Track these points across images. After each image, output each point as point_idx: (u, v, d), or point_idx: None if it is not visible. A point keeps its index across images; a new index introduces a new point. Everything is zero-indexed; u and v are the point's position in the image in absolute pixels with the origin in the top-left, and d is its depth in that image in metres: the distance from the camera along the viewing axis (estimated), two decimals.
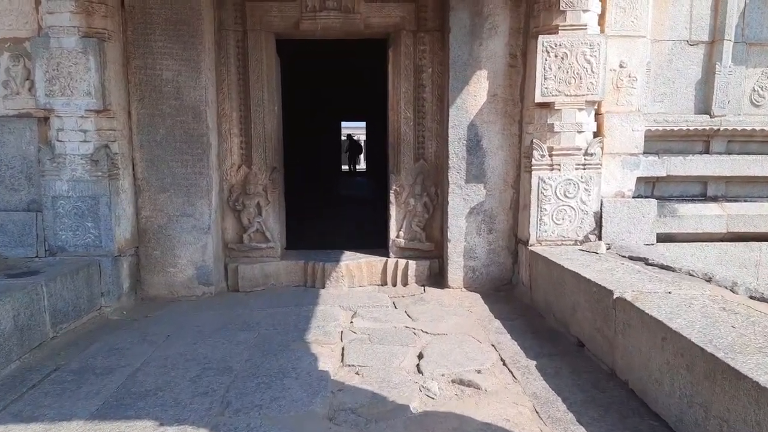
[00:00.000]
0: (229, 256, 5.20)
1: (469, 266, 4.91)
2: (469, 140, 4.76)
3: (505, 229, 4.87)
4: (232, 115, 5.05)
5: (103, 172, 4.26)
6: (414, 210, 5.19)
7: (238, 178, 5.13)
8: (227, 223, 5.17)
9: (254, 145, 5.06)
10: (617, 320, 2.90)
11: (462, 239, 4.88)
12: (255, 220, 5.13)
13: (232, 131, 5.08)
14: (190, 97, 4.60)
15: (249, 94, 5.00)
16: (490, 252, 4.90)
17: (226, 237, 5.19)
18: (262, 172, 5.11)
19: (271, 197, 5.16)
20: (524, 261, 4.63)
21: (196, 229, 4.74)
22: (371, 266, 5.26)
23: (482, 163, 4.78)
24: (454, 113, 4.73)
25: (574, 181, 4.43)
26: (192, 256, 4.77)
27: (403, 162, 5.17)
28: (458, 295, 4.77)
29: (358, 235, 6.96)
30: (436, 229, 5.26)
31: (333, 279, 5.10)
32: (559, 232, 4.48)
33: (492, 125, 4.75)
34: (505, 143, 4.77)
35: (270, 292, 4.95)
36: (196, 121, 4.63)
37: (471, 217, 4.85)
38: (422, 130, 5.15)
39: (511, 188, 4.82)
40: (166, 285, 4.79)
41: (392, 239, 5.27)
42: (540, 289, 4.23)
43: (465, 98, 4.71)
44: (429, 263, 5.19)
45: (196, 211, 4.72)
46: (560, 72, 4.29)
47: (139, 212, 4.71)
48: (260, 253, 5.20)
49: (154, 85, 4.57)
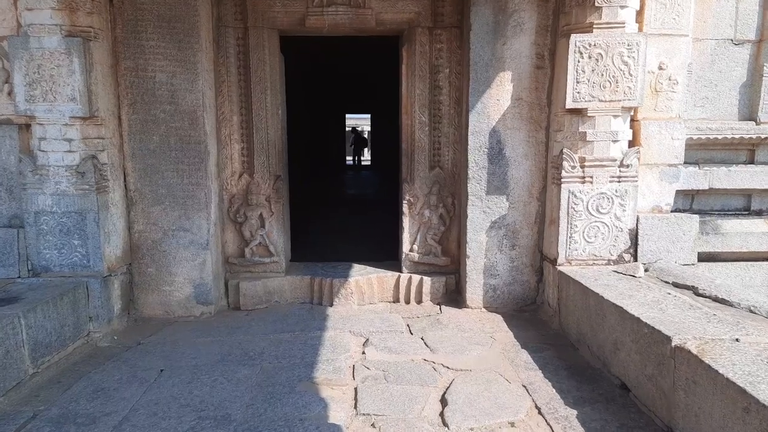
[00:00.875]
0: (230, 271, 4.82)
1: (489, 285, 4.52)
2: (491, 148, 4.35)
3: (529, 244, 4.48)
4: (233, 119, 4.65)
5: (90, 185, 3.86)
6: (429, 222, 4.80)
7: (239, 187, 4.74)
8: (227, 235, 4.79)
9: (256, 151, 4.66)
10: (678, 373, 2.51)
11: (482, 255, 4.48)
12: (257, 233, 4.74)
13: (233, 137, 4.68)
14: (186, 100, 4.19)
15: (251, 97, 4.59)
16: (512, 269, 4.51)
17: (227, 251, 4.80)
18: (265, 181, 4.72)
19: (275, 208, 4.76)
20: (551, 281, 4.23)
21: (193, 244, 4.35)
22: (382, 282, 4.88)
23: (505, 173, 4.38)
24: (475, 118, 4.32)
25: (607, 195, 4.02)
26: (189, 274, 4.39)
27: (417, 170, 4.76)
28: (478, 317, 4.38)
29: (367, 242, 6.58)
30: (453, 242, 4.87)
31: (341, 296, 4.72)
32: (591, 250, 4.09)
33: (516, 132, 4.34)
34: (530, 152, 4.36)
35: (274, 312, 4.57)
36: (193, 127, 4.23)
37: (492, 231, 4.45)
38: (438, 135, 4.74)
39: (537, 200, 4.42)
40: (162, 304, 4.41)
41: (405, 253, 4.88)
42: (571, 315, 3.84)
43: (486, 102, 4.30)
44: (445, 279, 4.80)
45: (193, 224, 4.33)
46: (594, 75, 3.87)
47: (131, 226, 4.32)
48: (263, 268, 4.82)
49: (146, 88, 4.17)
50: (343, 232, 7.34)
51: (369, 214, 9.15)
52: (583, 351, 3.60)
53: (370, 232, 7.32)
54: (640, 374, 2.87)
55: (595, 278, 3.73)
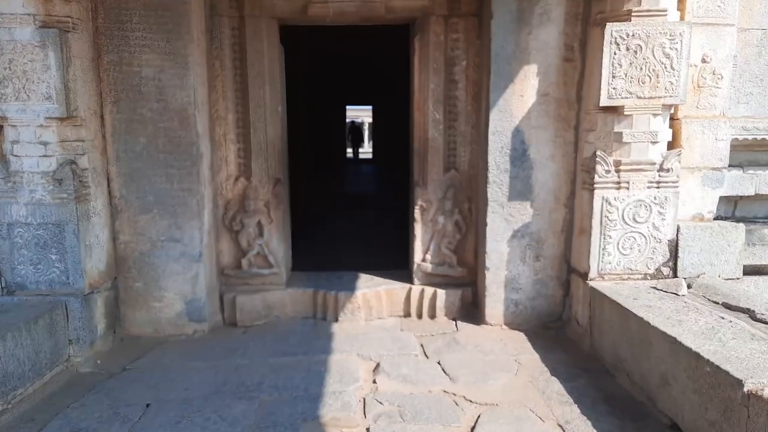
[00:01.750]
0: (226, 283, 4.42)
1: (511, 299, 4.12)
2: (514, 149, 3.94)
3: (555, 255, 4.07)
4: (228, 117, 4.23)
5: (68, 193, 3.45)
6: (443, 230, 4.39)
7: (235, 192, 4.33)
8: (223, 245, 4.38)
9: (254, 153, 4.25)
10: (752, 424, 2.11)
11: (503, 267, 4.08)
12: (255, 242, 4.34)
13: (228, 137, 4.26)
14: (176, 98, 3.78)
15: (247, 93, 4.17)
16: (536, 283, 4.11)
17: (222, 261, 4.40)
18: (264, 186, 4.31)
19: (274, 215, 4.36)
20: (580, 297, 3.83)
21: (184, 256, 3.95)
22: (392, 295, 4.48)
23: (529, 176, 3.97)
24: (496, 116, 3.91)
25: (645, 202, 3.61)
26: (180, 288, 3.99)
27: (430, 172, 4.35)
28: (499, 335, 3.99)
29: (373, 247, 6.18)
30: (469, 251, 4.46)
31: (347, 311, 4.33)
32: (626, 263, 3.69)
33: (541, 131, 3.92)
34: (557, 153, 3.95)
35: (273, 329, 4.18)
36: (184, 127, 3.82)
37: (514, 241, 4.05)
38: (454, 134, 4.33)
39: (564, 207, 4.01)
40: (151, 322, 4.02)
41: (417, 263, 4.47)
42: (606, 337, 3.44)
43: (509, 98, 3.88)
44: (461, 292, 4.40)
45: (184, 235, 3.93)
46: (632, 69, 3.45)
47: (116, 237, 3.92)
48: (262, 280, 4.42)
49: (131, 84, 3.75)
50: (347, 235, 6.94)
51: (374, 214, 8.75)
52: (622, 379, 3.20)
53: (375, 235, 6.92)
54: (698, 417, 2.47)
55: (634, 297, 3.33)
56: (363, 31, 5.46)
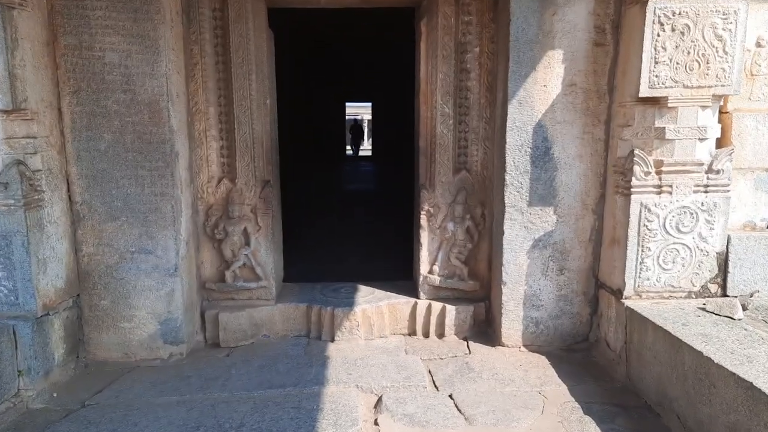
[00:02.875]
0: (208, 298, 3.91)
1: (530, 318, 3.62)
2: (535, 147, 3.43)
3: (581, 268, 3.57)
4: (208, 111, 3.72)
5: (15, 199, 2.94)
6: (453, 238, 3.88)
7: (217, 196, 3.82)
8: (204, 255, 3.87)
9: (239, 151, 3.73)
10: None
11: (522, 282, 3.58)
12: (241, 252, 3.83)
13: (209, 133, 3.75)
14: (146, 87, 3.26)
15: (231, 83, 3.65)
16: (559, 299, 3.60)
17: (203, 274, 3.89)
18: (250, 188, 3.79)
19: (263, 221, 3.84)
20: (613, 317, 3.33)
21: (158, 270, 3.44)
22: (395, 311, 3.97)
23: (552, 178, 3.46)
24: (515, 110, 3.39)
25: (691, 209, 3.11)
26: (154, 307, 3.48)
27: (438, 173, 3.84)
28: (517, 360, 3.49)
29: (373, 252, 5.68)
30: (482, 262, 3.96)
31: (345, 329, 3.82)
32: (667, 280, 3.18)
33: (567, 127, 3.41)
34: (584, 152, 3.44)
35: (261, 351, 3.67)
36: (155, 122, 3.30)
37: (535, 251, 3.54)
38: (465, 130, 3.82)
39: (592, 213, 3.51)
40: (120, 345, 3.51)
41: (423, 275, 3.97)
42: (648, 369, 2.93)
43: (530, 89, 3.37)
44: (473, 308, 3.89)
45: (157, 245, 3.42)
46: (678, 53, 2.94)
47: (78, 248, 3.41)
48: (248, 294, 3.91)
49: (93, 71, 3.23)
50: (346, 237, 6.44)
51: (374, 214, 8.24)
52: (670, 420, 2.70)
53: (376, 237, 6.42)
54: None
55: (682, 322, 2.82)
56: (363, 16, 4.95)
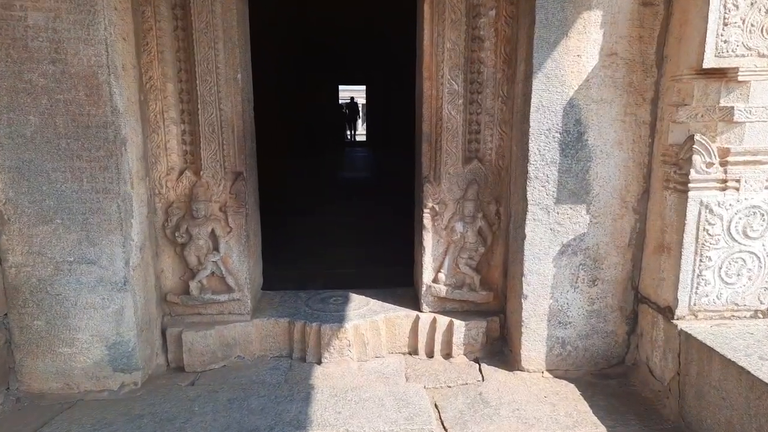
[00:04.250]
0: (170, 313, 3.28)
1: (556, 338, 3.01)
2: (566, 132, 2.80)
3: (617, 278, 2.96)
4: (166, 88, 3.06)
5: None
6: (462, 240, 3.26)
7: (178, 191, 3.17)
8: (164, 262, 3.24)
9: (204, 137, 3.09)
10: None
11: (546, 295, 2.97)
12: (208, 259, 3.19)
13: (167, 115, 3.09)
14: (80, 57, 2.60)
15: (193, 54, 2.99)
16: (591, 315, 3.00)
17: (164, 285, 3.26)
18: (218, 182, 3.15)
19: (235, 221, 3.20)
20: (660, 340, 2.73)
21: (103, 283, 2.81)
22: (394, 326, 3.36)
23: (585, 170, 2.83)
24: (542, 86, 2.75)
25: (762, 209, 2.50)
26: (99, 328, 2.85)
27: (444, 164, 3.20)
28: (542, 390, 2.89)
29: (369, 251, 5.06)
30: (496, 268, 3.35)
31: (334, 349, 3.21)
32: (730, 296, 2.58)
33: (605, 107, 2.78)
34: (625, 138, 2.81)
35: (232, 378, 3.06)
36: (94, 101, 2.65)
37: (563, 259, 2.92)
38: (477, 112, 3.17)
39: (632, 213, 2.89)
40: (60, 374, 2.89)
41: (426, 284, 3.35)
42: (711, 410, 2.33)
43: (561, 60, 2.73)
44: (485, 324, 3.28)
45: (101, 254, 2.78)
46: (753, 11, 2.31)
47: (4, 258, 2.76)
48: (218, 308, 3.28)
49: (14, 36, 2.56)
50: (336, 236, 5.81)
51: (370, 207, 7.61)
52: None
53: (372, 235, 5.79)
54: None
55: (759, 355, 2.22)
56: None
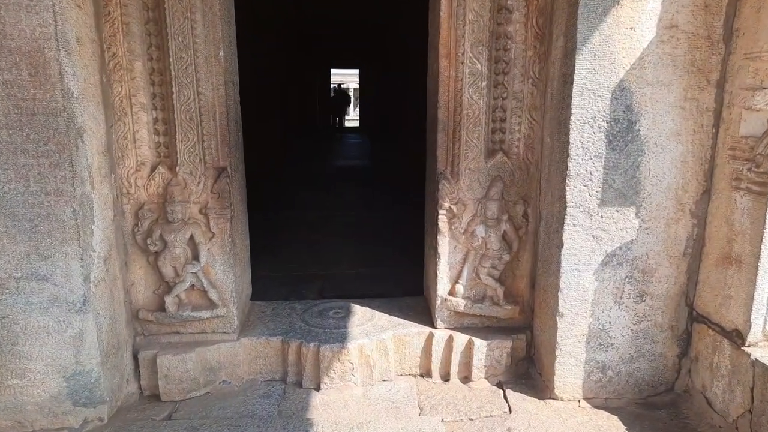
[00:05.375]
0: (143, 333, 2.81)
1: (595, 362, 2.58)
2: (614, 120, 2.34)
3: (669, 293, 2.52)
4: (134, 67, 2.55)
5: None
6: (484, 246, 2.81)
7: (150, 190, 2.68)
8: (135, 273, 2.76)
9: (180, 126, 2.59)
10: None
11: (586, 312, 2.52)
12: (187, 270, 2.71)
13: (136, 100, 2.59)
14: (21, 28, 2.09)
15: (166, 26, 2.49)
16: (636, 335, 2.56)
17: (136, 300, 2.78)
18: (197, 180, 2.67)
19: (218, 225, 2.72)
20: (724, 368, 2.30)
21: (58, 303, 2.33)
22: (404, 345, 2.91)
23: (636, 166, 2.37)
24: (587, 64, 2.29)
25: None
26: (55, 356, 2.38)
27: (464, 157, 2.73)
28: (581, 424, 2.45)
29: (370, 249, 4.60)
30: (522, 278, 2.90)
31: (335, 373, 2.76)
32: None
33: (661, 90, 2.31)
34: (684, 128, 2.35)
35: (216, 410, 2.60)
36: (41, 83, 2.15)
37: (606, 270, 2.48)
38: (503, 96, 2.70)
39: (690, 217, 2.44)
40: (10, 410, 2.41)
41: (442, 296, 2.90)
42: None
43: (610, 34, 2.26)
44: (510, 343, 2.84)
45: (55, 268, 2.30)
46: None
47: None
48: (200, 326, 2.82)
49: None
50: (333, 231, 5.34)
51: (368, 198, 7.13)
52: None
53: (371, 229, 5.33)
54: None
55: None
56: None
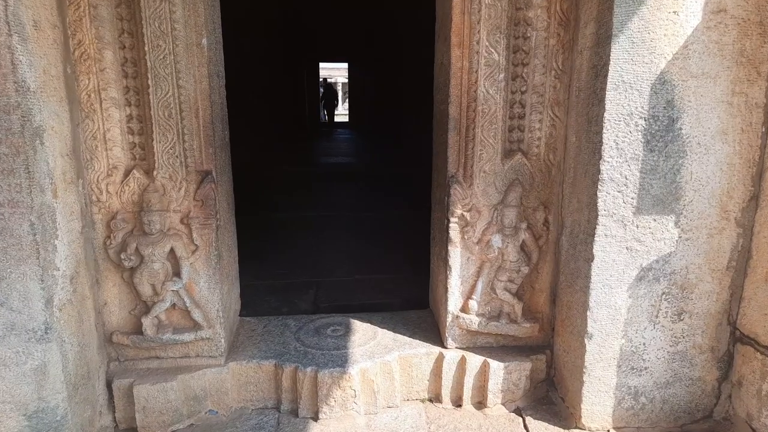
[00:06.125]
0: (117, 358, 2.49)
1: (627, 387, 2.31)
2: (653, 117, 2.06)
3: (710, 311, 2.25)
4: (103, 56, 2.22)
5: None
6: (501, 258, 2.52)
7: (124, 197, 2.35)
8: (108, 292, 2.43)
9: (157, 124, 2.27)
10: None
11: (618, 333, 2.25)
12: (167, 288, 2.39)
13: (106, 94, 2.26)
14: None
15: (140, 8, 2.16)
16: (673, 358, 2.29)
17: (109, 321, 2.46)
18: (178, 185, 2.35)
19: (202, 237, 2.41)
20: None
21: (15, 331, 2.00)
22: (410, 367, 2.62)
23: (676, 169, 2.10)
24: (624, 54, 2.00)
25: None
26: (14, 391, 2.06)
27: (479, 159, 2.44)
28: None
29: (369, 252, 4.31)
30: (542, 292, 2.62)
31: (335, 401, 2.46)
32: None
33: (707, 84, 2.04)
34: (731, 125, 2.08)
35: None
36: None
37: (641, 287, 2.20)
38: (522, 90, 2.41)
39: (735, 226, 2.17)
40: None
41: (453, 314, 2.61)
42: None
43: (650, 19, 1.98)
44: (530, 365, 2.56)
45: (11, 291, 1.97)
46: None
47: None
48: (182, 350, 2.50)
49: None
50: (324, 234, 5.03)
51: (361, 197, 6.83)
52: None
53: (367, 232, 5.03)
54: None
55: None
56: None
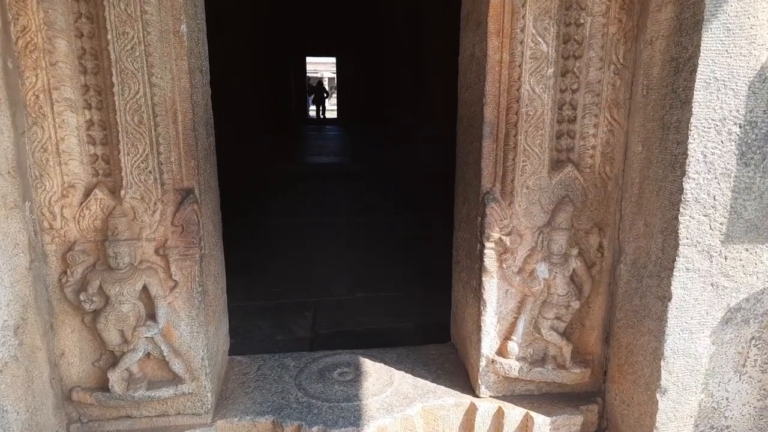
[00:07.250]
0: (80, 418, 2.02)
1: None
2: (749, 123, 1.64)
3: None
4: (54, 47, 1.75)
5: None
6: (547, 291, 2.09)
7: (84, 223, 1.88)
8: (65, 339, 1.96)
9: (125, 131, 1.80)
10: None
11: (697, 386, 1.83)
12: (140, 334, 1.93)
13: (59, 94, 1.78)
14: None
15: None
16: (761, 414, 1.89)
17: (68, 375, 1.99)
18: (151, 207, 1.88)
19: (182, 271, 1.94)
20: None
21: None
22: (436, 421, 2.19)
23: None
24: (716, 44, 1.58)
25: None
26: None
27: (521, 171, 2.01)
28: None
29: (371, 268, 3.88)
30: (593, 330, 2.19)
31: None
32: None
33: None
34: None
35: None
36: None
37: (726, 330, 1.79)
38: (573, 88, 1.98)
39: None
40: None
41: (487, 357, 2.18)
42: None
43: (750, 1, 1.56)
44: (582, 418, 2.13)
45: None
46: None
47: None
48: (159, 408, 2.04)
49: None
50: (319, 243, 4.58)
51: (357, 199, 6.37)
52: None
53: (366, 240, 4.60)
54: None
55: None
56: None
